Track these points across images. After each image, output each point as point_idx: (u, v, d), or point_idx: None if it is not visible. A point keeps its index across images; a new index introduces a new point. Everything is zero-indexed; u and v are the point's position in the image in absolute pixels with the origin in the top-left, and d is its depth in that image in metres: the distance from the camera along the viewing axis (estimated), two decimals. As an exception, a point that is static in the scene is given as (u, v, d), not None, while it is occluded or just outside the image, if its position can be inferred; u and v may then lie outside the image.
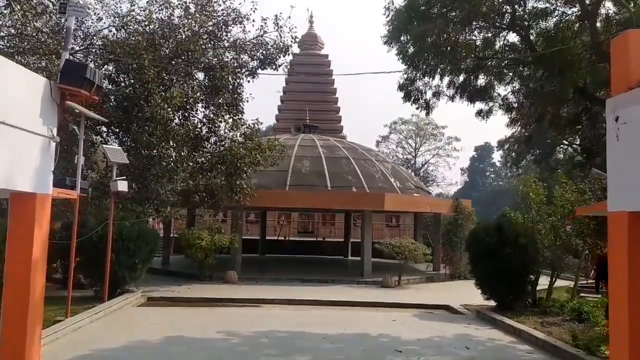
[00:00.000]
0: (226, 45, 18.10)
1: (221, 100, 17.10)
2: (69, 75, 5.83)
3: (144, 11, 17.25)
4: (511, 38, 11.86)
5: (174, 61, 16.83)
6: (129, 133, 16.30)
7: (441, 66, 11.60)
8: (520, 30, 10.86)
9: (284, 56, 18.00)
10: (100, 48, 17.59)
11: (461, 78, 12.18)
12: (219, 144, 17.73)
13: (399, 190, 22.07)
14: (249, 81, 18.15)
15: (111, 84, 17.47)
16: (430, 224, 27.32)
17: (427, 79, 12.16)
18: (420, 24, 10.42)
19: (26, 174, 5.54)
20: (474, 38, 11.39)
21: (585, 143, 11.25)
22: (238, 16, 17.96)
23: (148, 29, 16.91)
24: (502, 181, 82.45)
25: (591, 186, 13.80)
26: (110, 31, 17.66)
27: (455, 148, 58.44)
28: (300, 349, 9.60)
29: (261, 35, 18.09)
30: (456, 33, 10.75)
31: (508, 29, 11.08)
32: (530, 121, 12.06)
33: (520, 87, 11.88)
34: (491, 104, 12.96)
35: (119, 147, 14.68)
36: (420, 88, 12.54)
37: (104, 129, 17.49)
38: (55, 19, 16.31)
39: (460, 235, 22.14)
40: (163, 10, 17.49)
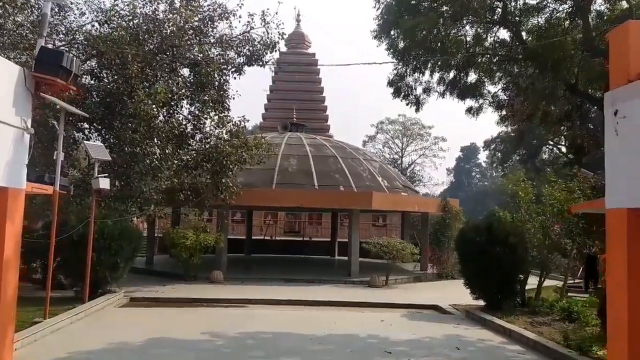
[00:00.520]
0: (212, 41, 17.78)
1: (207, 97, 16.76)
2: (44, 64, 5.50)
3: (128, 5, 16.90)
4: (502, 34, 11.74)
5: (158, 57, 16.46)
6: (112, 130, 15.93)
7: (431, 62, 11.43)
8: (512, 26, 10.71)
9: (270, 52, 17.71)
10: (83, 43, 17.17)
11: (451, 74, 12.02)
12: (204, 141, 17.38)
13: (387, 190, 21.88)
14: (235, 78, 17.84)
15: (93, 80, 17.08)
16: (417, 224, 27.22)
17: (417, 74, 12.00)
18: (410, 17, 10.23)
19: (-3, 167, 5.23)
20: (465, 33, 11.22)
21: (575, 141, 11.10)
22: (224, 12, 17.65)
23: (132, 24, 16.53)
24: (488, 181, 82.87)
25: (580, 185, 13.71)
26: (94, 26, 17.26)
27: (441, 148, 58.61)
28: (286, 351, 9.34)
29: (248, 31, 17.78)
30: (447, 28, 10.58)
31: (499, 24, 10.93)
32: (521, 118, 11.88)
33: (511, 84, 11.73)
34: (481, 101, 12.84)
35: (101, 144, 14.30)
36: (410, 84, 12.36)
37: (86, 126, 17.08)
38: (37, 13, 15.89)
39: (447, 234, 22.06)
40: (147, 5, 17.13)
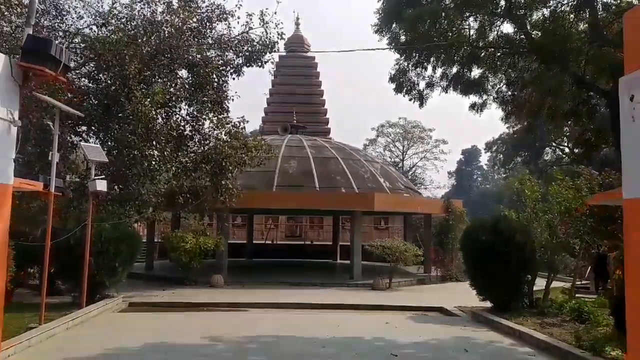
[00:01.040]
0: (210, 42, 17.55)
1: (205, 97, 16.50)
2: (31, 53, 5.22)
3: (126, 8, 16.69)
4: (505, 29, 11.47)
5: (156, 58, 16.22)
6: (110, 132, 15.67)
7: (434, 57, 11.17)
8: (517, 19, 10.44)
9: (270, 52, 17.48)
10: (80, 46, 16.95)
11: (454, 69, 11.75)
12: (203, 142, 17.11)
13: (389, 191, 21.61)
14: (234, 78, 17.61)
15: (91, 82, 16.87)
16: (419, 226, 26.93)
17: (420, 69, 11.73)
18: (413, 10, 9.96)
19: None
20: (468, 27, 10.94)
21: (582, 137, 10.81)
22: (222, 12, 17.44)
23: (130, 25, 16.31)
24: (490, 184, 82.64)
25: (587, 183, 13.41)
26: (92, 29, 17.05)
27: (442, 151, 58.31)
28: (289, 354, 9.04)
29: (246, 32, 17.56)
30: (450, 21, 10.32)
31: (503, 17, 10.67)
32: (530, 112, 11.58)
33: (516, 79, 11.46)
34: (485, 97, 12.56)
35: (98, 146, 14.05)
36: (413, 79, 12.08)
37: (84, 128, 16.86)
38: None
39: (451, 236, 21.75)
40: (146, 7, 16.91)
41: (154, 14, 16.88)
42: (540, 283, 13.93)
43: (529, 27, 10.75)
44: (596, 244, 13.52)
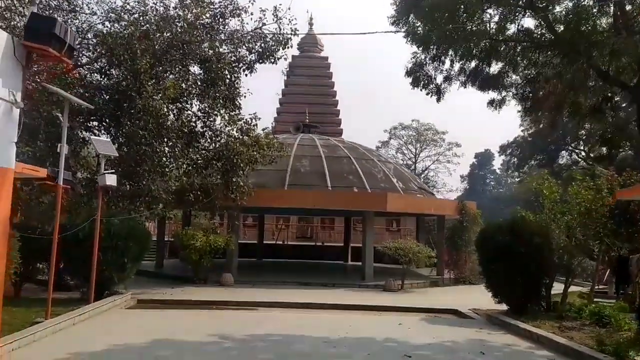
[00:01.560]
0: (223, 37, 17.37)
1: (217, 93, 16.29)
2: (34, 32, 4.99)
3: (139, 3, 16.56)
4: (526, 23, 11.14)
5: (168, 53, 16.05)
6: (121, 127, 15.52)
7: (452, 51, 10.86)
8: (539, 11, 10.08)
9: (283, 49, 17.25)
10: (92, 41, 16.86)
11: (473, 64, 11.43)
12: (214, 139, 16.91)
13: (402, 191, 21.27)
14: (246, 75, 17.40)
15: (103, 77, 16.76)
16: (432, 229, 26.54)
17: (437, 63, 11.42)
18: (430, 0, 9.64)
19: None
20: (488, 19, 10.61)
21: (606, 134, 10.43)
22: (236, 8, 17.24)
23: (142, 19, 16.17)
24: (503, 188, 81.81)
25: (608, 184, 13.01)
26: (105, 25, 16.95)
27: (455, 154, 57.72)
28: (298, 354, 8.79)
29: (259, 28, 17.37)
30: (469, 13, 9.99)
31: (525, 9, 10.31)
32: (550, 109, 11.22)
33: (536, 75, 11.11)
34: (504, 93, 12.22)
35: (108, 140, 13.90)
36: (430, 73, 11.75)
37: (95, 124, 16.74)
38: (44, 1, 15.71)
39: (465, 238, 21.34)
40: (158, 2, 16.78)
41: (167, 9, 16.75)
42: (557, 287, 13.52)
43: (550, 20, 10.39)
44: (616, 247, 13.08)
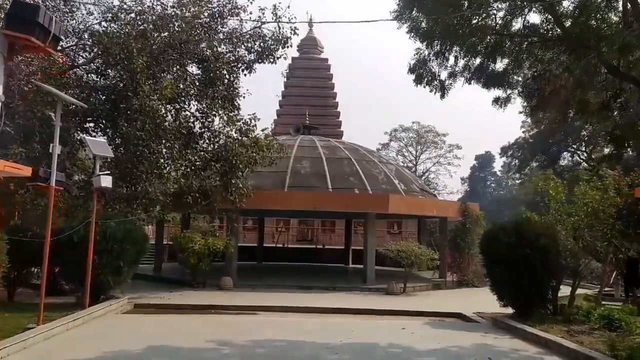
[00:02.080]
0: (221, 37, 17.09)
1: (215, 93, 15.99)
2: (16, 19, 4.66)
3: (135, 3, 16.27)
4: (532, 19, 10.84)
5: (165, 52, 15.75)
6: (117, 128, 15.23)
7: (456, 47, 10.57)
8: (547, 4, 9.77)
9: (282, 48, 16.94)
10: (88, 42, 16.58)
11: (477, 61, 11.13)
12: (213, 140, 16.61)
13: (404, 193, 20.96)
14: (245, 75, 17.11)
15: (99, 78, 16.48)
16: (434, 231, 26.23)
17: (441, 59, 11.13)
18: (434, -7, 9.37)
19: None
20: (494, 13, 10.31)
21: (615, 131, 10.14)
22: (234, 7, 16.95)
23: (140, 18, 15.88)
24: (503, 190, 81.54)
25: (616, 184, 12.70)
26: (102, 25, 16.68)
27: (456, 156, 57.34)
28: (300, 360, 8.49)
29: (258, 27, 17.09)
30: (474, 7, 9.68)
31: (532, 2, 9.98)
32: (559, 106, 10.92)
33: (543, 72, 10.81)
34: (509, 90, 11.93)
35: (104, 140, 13.59)
36: (434, 69, 11.45)
37: (91, 125, 16.45)
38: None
39: (468, 240, 21.03)
40: (155, 1, 16.49)
41: (165, 8, 16.47)
42: (562, 290, 13.19)
43: (558, 15, 10.10)
44: (625, 248, 12.76)
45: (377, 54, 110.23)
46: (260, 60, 17.22)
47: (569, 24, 9.97)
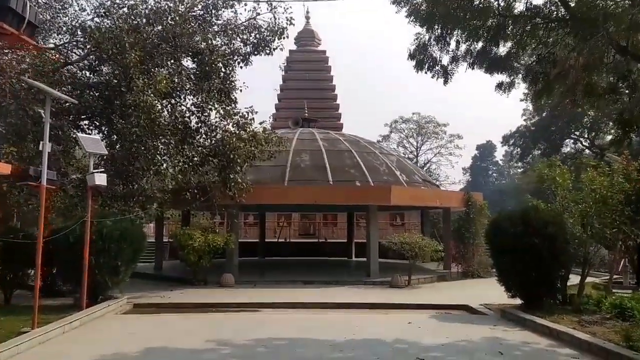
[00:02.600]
0: (216, 29, 16.73)
1: (211, 86, 15.64)
2: (-13, 5, 4.36)
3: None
4: (535, 0, 10.45)
5: (159, 46, 15.39)
6: (112, 125, 14.90)
7: (458, 30, 10.20)
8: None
9: (279, 39, 16.58)
10: (81, 38, 16.22)
11: (479, 45, 10.76)
12: (209, 134, 16.27)
13: (406, 184, 20.61)
14: (241, 67, 16.76)
15: (92, 74, 16.14)
16: (437, 222, 25.89)
17: (442, 44, 10.75)
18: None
19: None
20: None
21: (623, 115, 9.80)
22: (229, -1, 16.60)
23: (131, 13, 15.51)
24: (505, 180, 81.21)
25: (624, 169, 12.37)
26: (94, 21, 16.31)
27: (457, 146, 56.85)
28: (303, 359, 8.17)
29: (254, 18, 16.73)
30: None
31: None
32: (565, 89, 10.55)
33: (547, 55, 10.44)
34: (513, 75, 11.56)
35: (98, 137, 13.28)
36: (435, 54, 11.06)
37: (86, 122, 16.13)
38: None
39: (472, 230, 20.73)
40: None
41: (158, 1, 16.10)
42: (570, 279, 12.86)
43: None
44: (634, 235, 12.44)
45: (377, 45, 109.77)
46: (256, 52, 16.89)
47: (574, 3, 9.61)
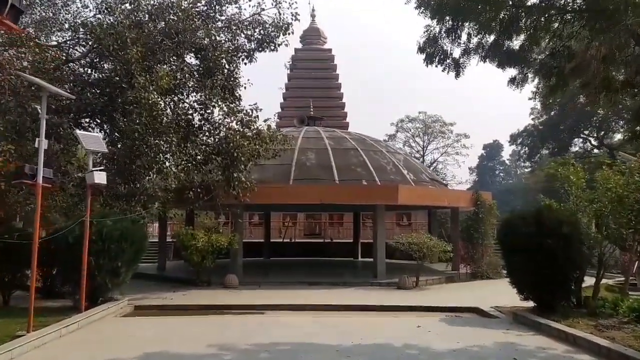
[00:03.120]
0: (220, 25, 16.39)
1: (215, 83, 15.29)
2: (-35, -14, 4.02)
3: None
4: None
5: (162, 42, 15.06)
6: (114, 123, 14.60)
7: (469, 22, 9.81)
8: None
9: (284, 35, 16.23)
10: (82, 35, 15.93)
11: (491, 38, 10.37)
12: (213, 132, 15.93)
13: (413, 183, 20.20)
14: (246, 64, 16.42)
15: (93, 71, 15.84)
16: (445, 222, 25.47)
17: (453, 37, 10.36)
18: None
19: None
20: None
21: (639, 111, 9.39)
22: (233, -6, 16.25)
23: (134, 8, 15.21)
24: (512, 179, 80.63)
25: (640, 167, 11.93)
26: (97, 18, 16.01)
27: (464, 145, 56.32)
28: (308, 366, 7.83)
29: (258, 13, 16.38)
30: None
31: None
32: (581, 83, 10.14)
33: (562, 48, 10.05)
34: (526, 69, 11.16)
35: (98, 135, 12.97)
36: (446, 47, 10.68)
37: (87, 120, 15.82)
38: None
39: (481, 230, 20.30)
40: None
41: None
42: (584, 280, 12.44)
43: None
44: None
45: (384, 43, 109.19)
46: (260, 49, 16.56)
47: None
